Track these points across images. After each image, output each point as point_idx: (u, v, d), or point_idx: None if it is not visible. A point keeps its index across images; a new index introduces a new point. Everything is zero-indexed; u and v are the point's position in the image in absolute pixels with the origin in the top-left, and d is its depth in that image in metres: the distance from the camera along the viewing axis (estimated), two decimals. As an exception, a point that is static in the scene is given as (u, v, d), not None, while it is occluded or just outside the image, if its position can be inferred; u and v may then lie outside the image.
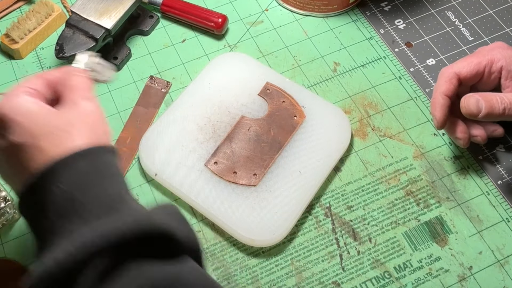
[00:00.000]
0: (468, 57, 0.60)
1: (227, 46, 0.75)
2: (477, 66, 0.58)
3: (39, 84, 0.46)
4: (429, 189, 0.63)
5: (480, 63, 0.58)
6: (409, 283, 0.58)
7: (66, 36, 0.67)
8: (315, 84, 0.71)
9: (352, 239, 0.60)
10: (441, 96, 0.58)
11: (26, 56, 0.74)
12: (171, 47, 0.75)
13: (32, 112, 0.44)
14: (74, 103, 0.45)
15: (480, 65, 0.58)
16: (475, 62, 0.58)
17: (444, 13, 0.77)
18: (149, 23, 0.76)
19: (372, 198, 0.63)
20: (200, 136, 0.64)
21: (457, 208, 0.62)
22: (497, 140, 0.66)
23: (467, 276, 0.58)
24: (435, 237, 0.60)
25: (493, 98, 0.55)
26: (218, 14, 0.74)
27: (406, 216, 0.61)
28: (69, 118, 0.44)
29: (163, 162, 0.62)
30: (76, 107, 0.45)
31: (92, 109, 0.45)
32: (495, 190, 0.63)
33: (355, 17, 0.77)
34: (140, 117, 0.69)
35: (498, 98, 0.55)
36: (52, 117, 0.44)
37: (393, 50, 0.73)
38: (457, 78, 0.58)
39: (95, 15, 0.68)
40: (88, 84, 0.48)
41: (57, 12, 0.75)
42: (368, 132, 0.67)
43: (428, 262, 0.59)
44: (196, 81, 0.69)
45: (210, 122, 0.65)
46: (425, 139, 0.66)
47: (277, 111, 0.66)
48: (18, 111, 0.44)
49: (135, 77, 0.72)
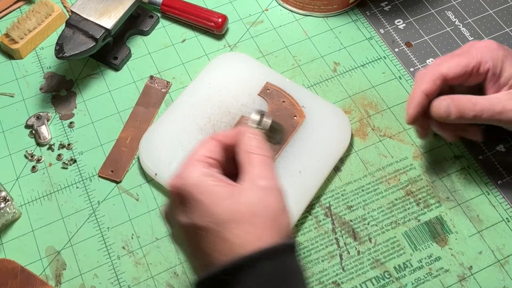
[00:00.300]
0: (457, 56, 0.56)
1: (227, 46, 0.75)
2: (465, 68, 0.55)
3: (215, 152, 0.45)
4: (429, 189, 0.63)
5: (468, 65, 0.55)
6: (409, 283, 0.58)
7: (66, 36, 0.67)
8: (315, 84, 0.71)
9: (352, 239, 0.60)
10: (421, 94, 0.55)
11: (26, 56, 0.74)
12: (171, 47, 0.75)
13: (214, 193, 0.42)
14: (256, 184, 0.43)
15: (468, 67, 0.55)
16: (463, 64, 0.55)
17: (444, 13, 0.77)
18: (149, 23, 0.76)
19: (372, 198, 0.63)
20: (200, 136, 0.64)
21: (457, 208, 0.62)
22: (497, 140, 0.66)
23: (467, 276, 0.58)
24: (435, 237, 0.60)
25: (466, 103, 0.53)
26: (218, 14, 0.74)
27: (406, 216, 0.61)
28: (252, 204, 0.42)
29: (163, 162, 0.62)
30: (258, 191, 0.42)
31: (275, 195, 0.43)
32: (495, 190, 0.63)
33: (355, 17, 0.77)
34: (140, 117, 0.69)
35: (471, 104, 0.53)
36: (235, 201, 0.42)
37: (393, 50, 0.73)
38: (442, 79, 0.55)
39: (95, 15, 0.68)
40: (268, 160, 0.45)
41: (57, 12, 0.75)
42: (368, 132, 0.67)
43: (428, 262, 0.59)
44: (196, 81, 0.69)
45: (210, 122, 0.65)
46: (425, 139, 0.66)
47: (277, 111, 0.66)
48: (200, 189, 0.42)
49: (135, 77, 0.72)
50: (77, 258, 0.60)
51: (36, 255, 0.60)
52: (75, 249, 0.60)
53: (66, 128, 0.68)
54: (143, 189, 0.64)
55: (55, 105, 0.70)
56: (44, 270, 0.59)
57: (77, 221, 0.62)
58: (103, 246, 0.60)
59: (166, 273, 0.59)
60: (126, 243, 0.60)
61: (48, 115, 0.68)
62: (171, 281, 0.58)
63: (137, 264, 0.59)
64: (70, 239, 0.61)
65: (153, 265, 0.59)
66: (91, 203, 0.63)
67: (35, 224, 0.62)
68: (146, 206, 0.63)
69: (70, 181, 0.64)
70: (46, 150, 0.67)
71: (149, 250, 0.60)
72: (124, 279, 0.58)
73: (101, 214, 0.62)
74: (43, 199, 0.63)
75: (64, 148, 0.67)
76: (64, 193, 0.64)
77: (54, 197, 0.63)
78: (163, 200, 0.63)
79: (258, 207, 0.42)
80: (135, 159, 0.66)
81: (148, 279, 0.58)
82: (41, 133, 0.67)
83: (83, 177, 0.65)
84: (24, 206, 0.63)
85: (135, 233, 0.61)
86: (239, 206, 0.41)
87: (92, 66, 0.73)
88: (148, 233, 0.61)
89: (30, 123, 0.68)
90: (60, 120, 0.69)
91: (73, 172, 0.65)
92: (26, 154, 0.66)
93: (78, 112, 0.70)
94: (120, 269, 0.59)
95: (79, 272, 0.59)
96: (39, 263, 0.59)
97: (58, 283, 0.58)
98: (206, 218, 0.41)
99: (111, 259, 0.59)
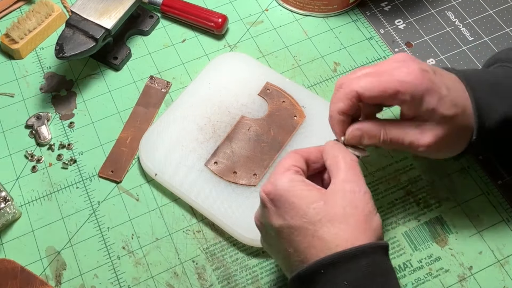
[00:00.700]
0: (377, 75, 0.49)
1: (227, 46, 0.75)
2: (382, 93, 0.49)
3: (300, 162, 0.49)
4: (429, 189, 0.63)
5: (385, 91, 0.49)
6: (409, 283, 0.58)
7: (66, 36, 0.67)
8: (315, 84, 0.71)
9: (352, 239, 0.60)
10: (338, 114, 0.51)
11: (26, 56, 0.74)
12: (171, 47, 0.75)
13: (305, 196, 0.46)
14: (343, 187, 0.46)
15: (385, 93, 0.49)
16: (380, 89, 0.49)
17: (444, 13, 0.77)
18: (149, 23, 0.76)
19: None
20: (200, 136, 0.64)
21: (457, 208, 0.62)
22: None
23: (467, 276, 0.58)
24: (435, 237, 0.60)
25: (376, 134, 0.51)
26: (218, 14, 0.74)
27: (406, 216, 0.61)
28: (342, 206, 0.45)
29: (163, 162, 0.62)
30: (345, 193, 0.46)
31: (362, 197, 0.46)
32: (495, 190, 0.63)
33: (355, 17, 0.77)
34: (140, 117, 0.69)
35: (381, 135, 0.51)
36: (326, 203, 0.45)
37: (393, 50, 0.73)
38: (358, 98, 0.50)
39: (95, 15, 0.68)
40: (354, 164, 0.48)
41: (57, 12, 0.75)
42: (368, 132, 0.67)
43: (428, 262, 0.59)
44: (196, 81, 0.69)
45: (210, 122, 0.65)
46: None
47: (277, 111, 0.66)
48: (292, 193, 0.46)
49: (135, 77, 0.72)
50: (77, 258, 0.60)
51: (36, 255, 0.60)
52: (75, 249, 0.60)
53: (66, 128, 0.68)
54: (143, 189, 0.64)
55: (55, 105, 0.70)
56: (44, 270, 0.59)
57: (77, 221, 0.62)
58: (103, 246, 0.60)
59: (166, 273, 0.59)
60: (126, 243, 0.60)
61: (48, 115, 0.68)
62: (171, 281, 0.58)
63: (137, 264, 0.59)
64: (70, 239, 0.61)
65: (153, 265, 0.59)
66: (91, 203, 0.63)
67: (35, 224, 0.62)
68: (146, 206, 0.63)
69: (70, 181, 0.64)
70: (46, 150, 0.67)
71: (149, 250, 0.60)
72: (124, 279, 0.58)
73: (101, 214, 0.62)
74: (43, 199, 0.63)
75: (64, 148, 0.67)
76: (64, 193, 0.64)
77: (54, 197, 0.63)
78: (163, 200, 0.63)
79: (348, 209, 0.44)
80: (135, 159, 0.66)
81: (148, 279, 0.58)
82: (41, 133, 0.67)
83: (83, 177, 0.65)
84: (24, 206, 0.63)
85: (135, 233, 0.61)
86: (330, 208, 0.45)
87: (92, 66, 0.73)
88: (148, 233, 0.61)
89: (30, 123, 0.68)
90: (60, 120, 0.69)
91: (73, 172, 0.65)
92: (26, 154, 0.66)
93: (78, 112, 0.70)
94: (120, 269, 0.59)
95: (79, 272, 0.59)
96: (39, 263, 0.59)
97: (58, 283, 0.58)
98: (300, 218, 0.45)
99: (111, 259, 0.59)
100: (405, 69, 0.49)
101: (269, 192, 0.47)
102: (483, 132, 0.51)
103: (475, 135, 0.50)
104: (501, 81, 0.53)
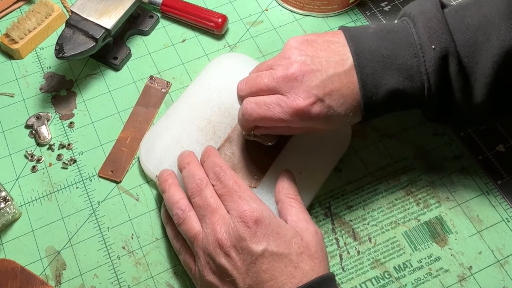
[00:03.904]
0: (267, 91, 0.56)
1: (227, 46, 0.75)
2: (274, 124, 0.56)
3: None
4: (429, 189, 0.63)
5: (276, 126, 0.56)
6: (409, 283, 0.58)
7: (66, 36, 0.67)
8: (315, 84, 0.71)
9: (352, 239, 0.60)
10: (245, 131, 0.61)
11: (26, 56, 0.74)
12: (171, 47, 0.75)
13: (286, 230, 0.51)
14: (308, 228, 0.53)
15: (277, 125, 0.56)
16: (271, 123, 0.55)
17: (444, 13, 0.77)
18: (149, 23, 0.76)
19: (372, 198, 0.63)
20: (201, 137, 0.64)
21: (457, 208, 0.62)
22: (497, 140, 0.66)
23: (467, 276, 0.58)
24: (435, 237, 0.60)
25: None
26: (218, 14, 0.74)
27: (406, 216, 0.61)
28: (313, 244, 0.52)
29: (164, 165, 0.62)
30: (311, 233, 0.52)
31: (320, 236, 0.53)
32: (495, 190, 0.63)
33: (355, 17, 0.77)
34: (140, 117, 0.69)
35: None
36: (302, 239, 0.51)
37: (393, 50, 0.73)
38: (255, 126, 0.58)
39: (95, 15, 0.68)
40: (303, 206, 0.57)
41: (57, 12, 0.75)
42: (368, 132, 0.67)
43: (428, 262, 0.59)
44: (196, 81, 0.69)
45: (210, 124, 0.65)
46: (425, 139, 0.66)
47: (277, 111, 0.66)
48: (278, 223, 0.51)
49: (135, 77, 0.72)
50: (77, 258, 0.60)
51: (36, 255, 0.60)
52: (75, 249, 0.60)
53: (66, 128, 0.68)
54: (143, 189, 0.64)
55: (55, 105, 0.70)
56: (44, 270, 0.59)
57: (77, 221, 0.62)
58: (103, 246, 0.60)
59: (166, 273, 0.59)
60: (126, 243, 0.60)
61: (48, 115, 0.69)
62: (171, 281, 0.58)
63: (137, 264, 0.59)
64: (70, 239, 0.61)
65: (153, 265, 0.59)
66: (91, 203, 0.63)
67: (35, 224, 0.62)
68: (146, 206, 0.63)
69: (70, 181, 0.64)
70: (46, 150, 0.67)
71: (149, 250, 0.60)
72: (124, 279, 0.58)
73: (101, 214, 0.62)
74: (43, 199, 0.63)
75: (64, 148, 0.67)
76: (64, 193, 0.64)
77: (54, 197, 0.63)
78: (163, 200, 0.63)
79: (317, 247, 0.52)
80: (135, 159, 0.66)
81: (148, 279, 0.58)
82: (41, 133, 0.67)
83: (83, 177, 0.65)
84: (24, 206, 0.63)
85: (135, 233, 0.61)
86: (305, 244, 0.51)
87: (92, 66, 0.73)
88: (148, 233, 0.61)
89: (30, 123, 0.68)
90: (60, 120, 0.69)
91: (73, 172, 0.65)
92: (26, 154, 0.66)
93: (78, 112, 0.70)
94: (120, 269, 0.59)
95: (79, 272, 0.59)
96: (39, 263, 0.59)
97: (58, 283, 0.58)
98: (285, 249, 0.50)
99: (111, 259, 0.60)
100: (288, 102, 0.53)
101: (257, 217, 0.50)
102: (370, 108, 0.54)
103: (363, 112, 0.54)
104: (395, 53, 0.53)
